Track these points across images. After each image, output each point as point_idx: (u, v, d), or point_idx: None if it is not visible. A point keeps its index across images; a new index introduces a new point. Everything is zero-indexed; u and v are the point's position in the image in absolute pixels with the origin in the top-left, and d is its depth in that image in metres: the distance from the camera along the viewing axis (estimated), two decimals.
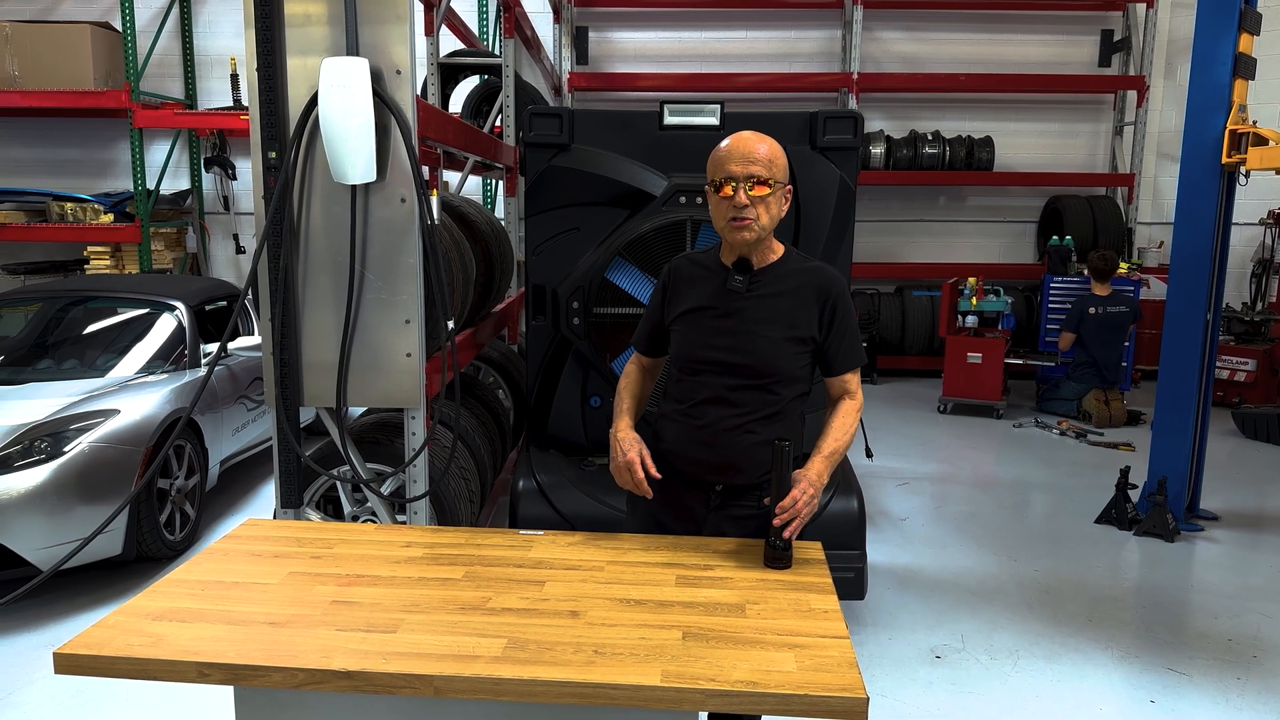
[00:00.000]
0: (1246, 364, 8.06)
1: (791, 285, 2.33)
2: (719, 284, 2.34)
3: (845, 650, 1.72)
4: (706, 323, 2.33)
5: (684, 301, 2.37)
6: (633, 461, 2.28)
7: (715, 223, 2.33)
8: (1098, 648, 3.79)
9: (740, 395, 2.31)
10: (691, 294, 2.37)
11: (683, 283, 2.40)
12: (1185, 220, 5.07)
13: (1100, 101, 9.73)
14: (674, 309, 2.40)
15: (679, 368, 2.39)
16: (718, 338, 2.32)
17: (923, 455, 6.82)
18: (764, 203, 2.23)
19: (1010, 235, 10.01)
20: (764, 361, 2.30)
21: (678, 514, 2.40)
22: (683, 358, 2.37)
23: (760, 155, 2.23)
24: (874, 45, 9.61)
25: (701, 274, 2.39)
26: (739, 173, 2.21)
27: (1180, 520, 5.15)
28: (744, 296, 2.31)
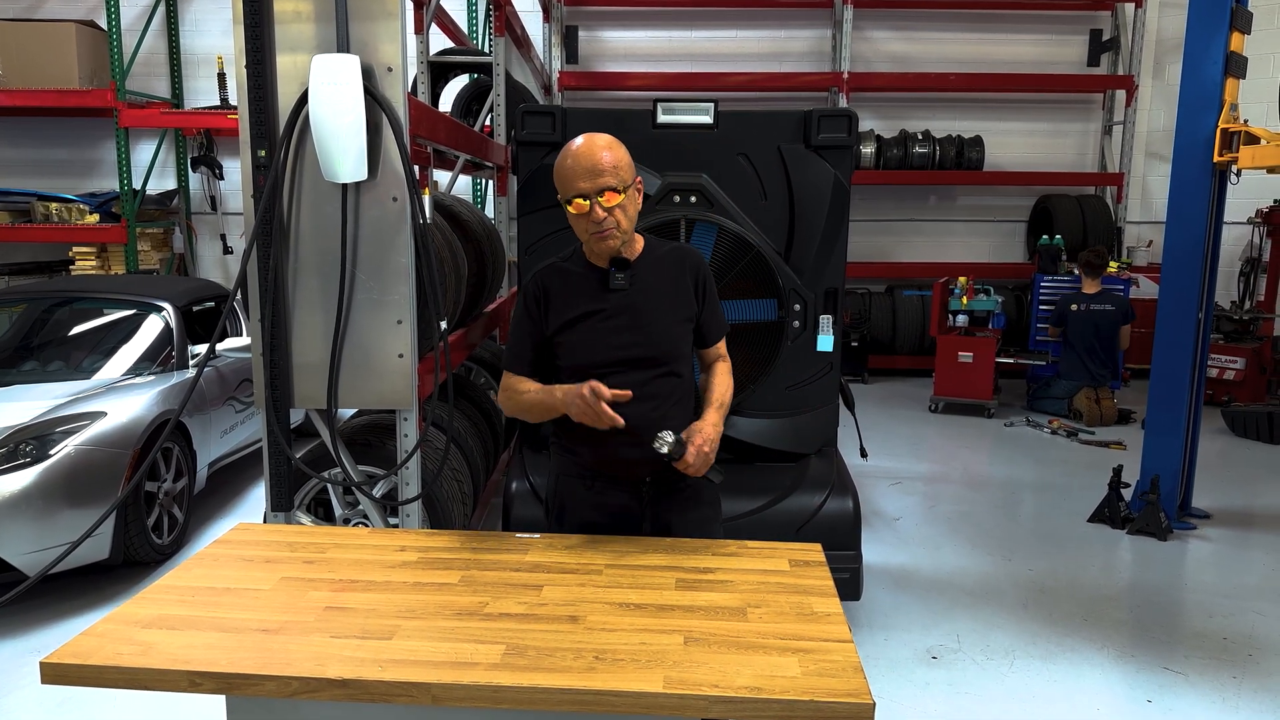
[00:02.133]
0: (1236, 363, 8.09)
1: (665, 270, 2.39)
2: (597, 285, 2.34)
3: (850, 654, 1.69)
4: (599, 325, 2.33)
5: (566, 310, 2.33)
6: (594, 386, 2.18)
7: (579, 234, 2.31)
8: (1094, 647, 3.79)
9: (652, 387, 2.33)
10: (572, 301, 2.34)
11: (555, 293, 2.35)
12: (1177, 219, 5.08)
13: (1089, 101, 9.75)
14: (555, 320, 2.34)
15: (578, 376, 2.27)
16: (614, 336, 2.32)
17: (915, 455, 6.81)
18: (620, 208, 2.24)
19: (1000, 235, 10.03)
20: (664, 348, 2.36)
21: (614, 517, 2.38)
22: (583, 366, 2.31)
23: (606, 164, 2.21)
24: (864, 45, 9.61)
25: (574, 280, 2.36)
26: (589, 188, 2.20)
27: (1173, 519, 5.15)
28: (628, 291, 2.33)
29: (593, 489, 2.37)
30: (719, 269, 3.83)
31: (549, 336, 2.35)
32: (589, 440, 2.31)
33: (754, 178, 3.94)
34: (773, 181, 3.94)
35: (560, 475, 2.44)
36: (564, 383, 2.30)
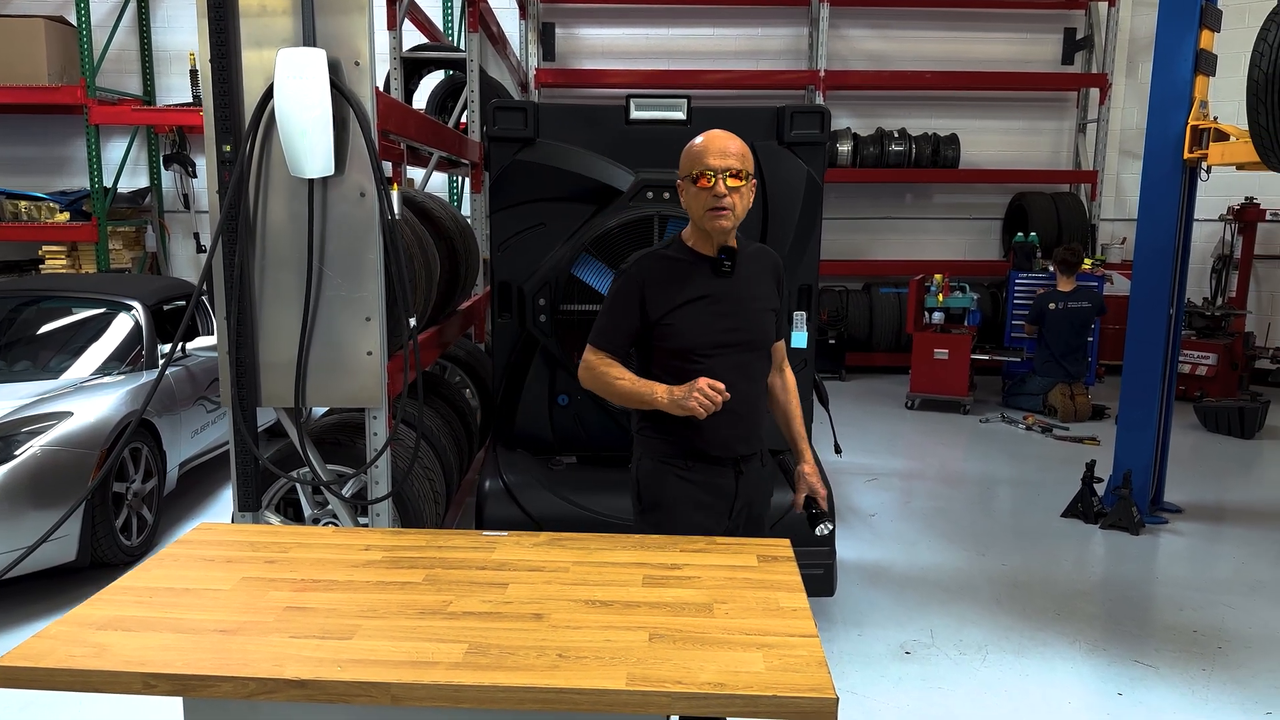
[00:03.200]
0: (1208, 358, 8.17)
1: (756, 264, 2.55)
2: (705, 272, 2.45)
3: (814, 649, 1.68)
4: (708, 310, 2.44)
5: (674, 296, 2.43)
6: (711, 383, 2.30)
7: (693, 213, 2.42)
8: (1065, 641, 3.80)
9: (752, 369, 2.51)
10: (679, 288, 2.44)
11: (660, 280, 2.44)
12: (1148, 216, 5.12)
13: (1064, 99, 9.82)
14: (662, 306, 2.43)
15: (681, 360, 2.43)
16: (720, 320, 2.45)
17: (891, 451, 6.83)
18: (738, 193, 2.38)
19: (976, 232, 10.08)
20: (759, 334, 2.53)
21: (715, 495, 2.50)
22: (687, 349, 2.43)
23: (734, 150, 2.38)
24: (840, 43, 9.63)
25: (680, 267, 2.46)
26: (717, 165, 2.34)
27: (1145, 513, 5.19)
28: (731, 280, 2.46)
29: (693, 470, 2.47)
30: None
31: (653, 321, 2.43)
32: (692, 423, 2.39)
33: None
34: None
35: (658, 461, 2.50)
36: (658, 363, 2.45)
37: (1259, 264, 9.06)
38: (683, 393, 2.32)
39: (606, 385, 2.46)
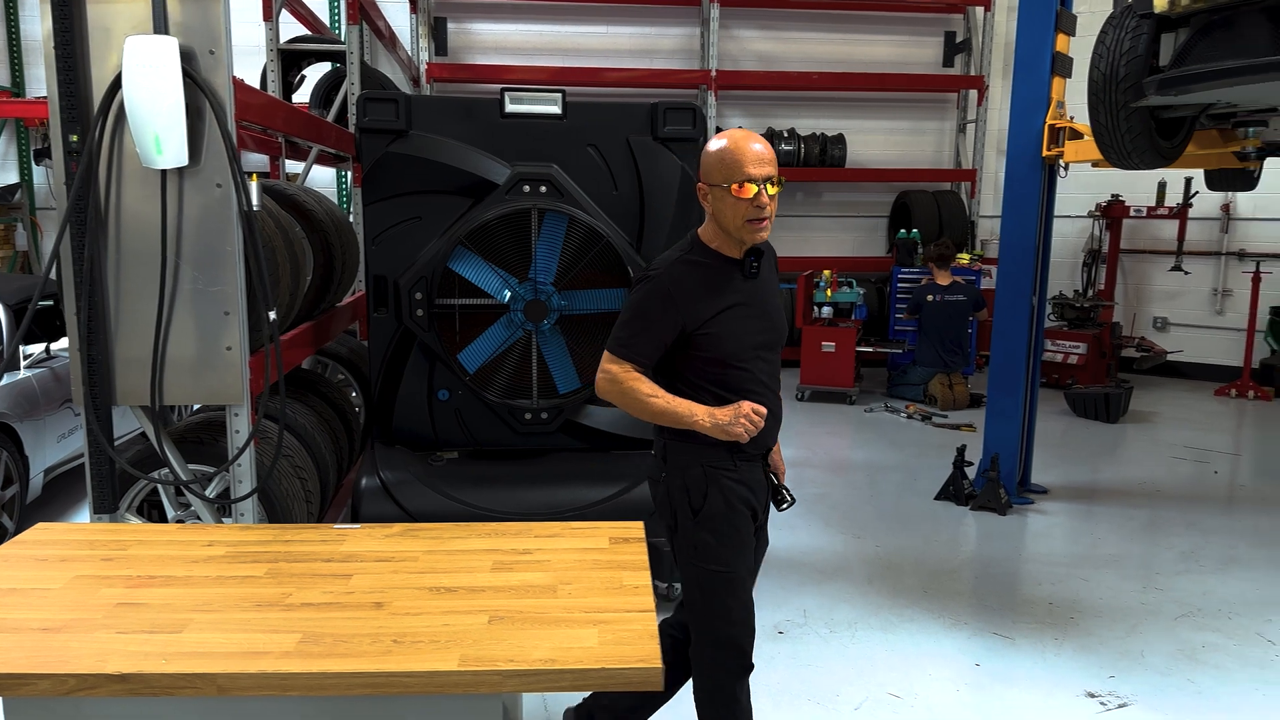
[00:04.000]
0: (1078, 348, 8.62)
1: (766, 262, 2.52)
2: (735, 276, 2.39)
3: (649, 624, 1.73)
4: (742, 314, 2.39)
5: (710, 305, 2.35)
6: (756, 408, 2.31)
7: (727, 220, 2.33)
8: (931, 617, 3.98)
9: (777, 366, 2.52)
10: (716, 295, 2.36)
11: (695, 286, 2.35)
12: (1012, 211, 5.38)
13: (945, 100, 10.21)
14: (700, 315, 2.34)
15: (720, 367, 2.37)
16: (753, 323, 2.41)
17: (781, 442, 6.98)
18: (773, 200, 2.33)
19: (863, 229, 10.40)
20: (782, 331, 2.54)
21: (756, 491, 2.49)
22: (728, 357, 2.38)
23: (769, 156, 2.31)
24: (731, 43, 9.80)
25: (710, 273, 2.38)
26: (758, 174, 2.27)
27: (1013, 494, 5.46)
28: (756, 281, 2.45)
29: (739, 470, 2.42)
30: (571, 260, 3.85)
31: (690, 331, 2.34)
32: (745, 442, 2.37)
33: (604, 168, 3.97)
34: (623, 172, 3.98)
35: (707, 467, 2.40)
36: (694, 371, 2.37)
37: (1125, 258, 9.59)
38: (727, 417, 2.28)
39: (636, 402, 2.35)
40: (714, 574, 2.41)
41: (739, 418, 2.27)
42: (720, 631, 2.45)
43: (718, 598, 2.43)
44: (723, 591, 2.42)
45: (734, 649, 2.47)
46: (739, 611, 2.46)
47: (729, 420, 2.28)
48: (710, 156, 2.33)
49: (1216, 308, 9.24)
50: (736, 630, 2.46)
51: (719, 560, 2.41)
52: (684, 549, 2.44)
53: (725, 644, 2.45)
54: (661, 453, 2.48)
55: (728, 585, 2.43)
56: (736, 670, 2.50)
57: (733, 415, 2.28)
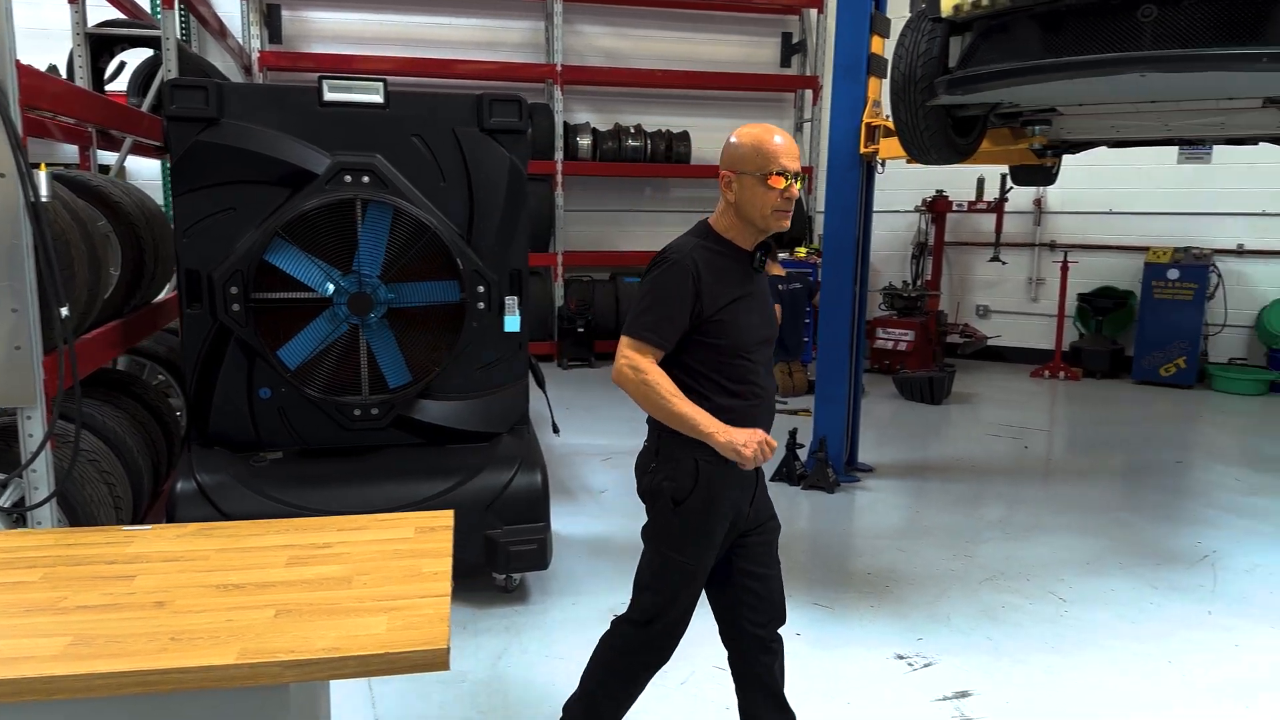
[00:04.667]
0: (907, 335, 9.12)
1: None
2: (745, 269, 2.42)
3: (440, 608, 1.75)
4: (748, 306, 2.41)
5: (724, 293, 2.36)
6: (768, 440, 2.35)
7: (754, 210, 2.34)
8: None
9: (771, 363, 2.56)
10: (727, 284, 2.37)
11: (712, 273, 2.35)
12: (834, 206, 5.65)
13: (783, 99, 10.60)
14: (714, 302, 2.34)
15: (730, 357, 2.38)
16: (757, 315, 2.44)
17: (630, 433, 7.03)
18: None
19: None
20: (775, 329, 2.58)
21: (749, 486, 2.51)
22: (738, 347, 2.39)
23: (798, 153, 2.39)
24: (576, 39, 9.86)
25: (725, 263, 2.39)
26: (792, 168, 2.32)
27: (840, 473, 5.75)
28: (759, 276, 2.49)
29: (729, 468, 2.40)
30: (397, 251, 3.81)
31: (706, 317, 2.33)
32: (744, 418, 2.38)
33: (430, 159, 3.94)
34: (450, 164, 3.95)
35: (697, 461, 2.39)
36: (703, 360, 2.36)
37: (950, 250, 10.22)
38: (743, 439, 2.29)
39: (657, 399, 2.32)
40: (675, 563, 2.48)
41: (754, 443, 2.30)
42: (656, 615, 2.52)
43: (670, 585, 2.50)
44: (677, 581, 2.49)
45: (660, 638, 2.56)
46: (681, 607, 2.53)
47: (743, 442, 2.29)
48: (743, 147, 2.35)
49: (1032, 295, 9.97)
50: (671, 623, 2.54)
51: (683, 551, 2.46)
52: (655, 530, 2.50)
53: (654, 629, 2.54)
54: (655, 445, 2.49)
55: (684, 578, 2.49)
56: (649, 660, 2.60)
57: (748, 438, 2.30)
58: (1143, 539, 4.89)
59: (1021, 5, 3.09)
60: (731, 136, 2.40)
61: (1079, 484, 5.93)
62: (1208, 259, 8.75)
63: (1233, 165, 8.05)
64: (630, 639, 2.60)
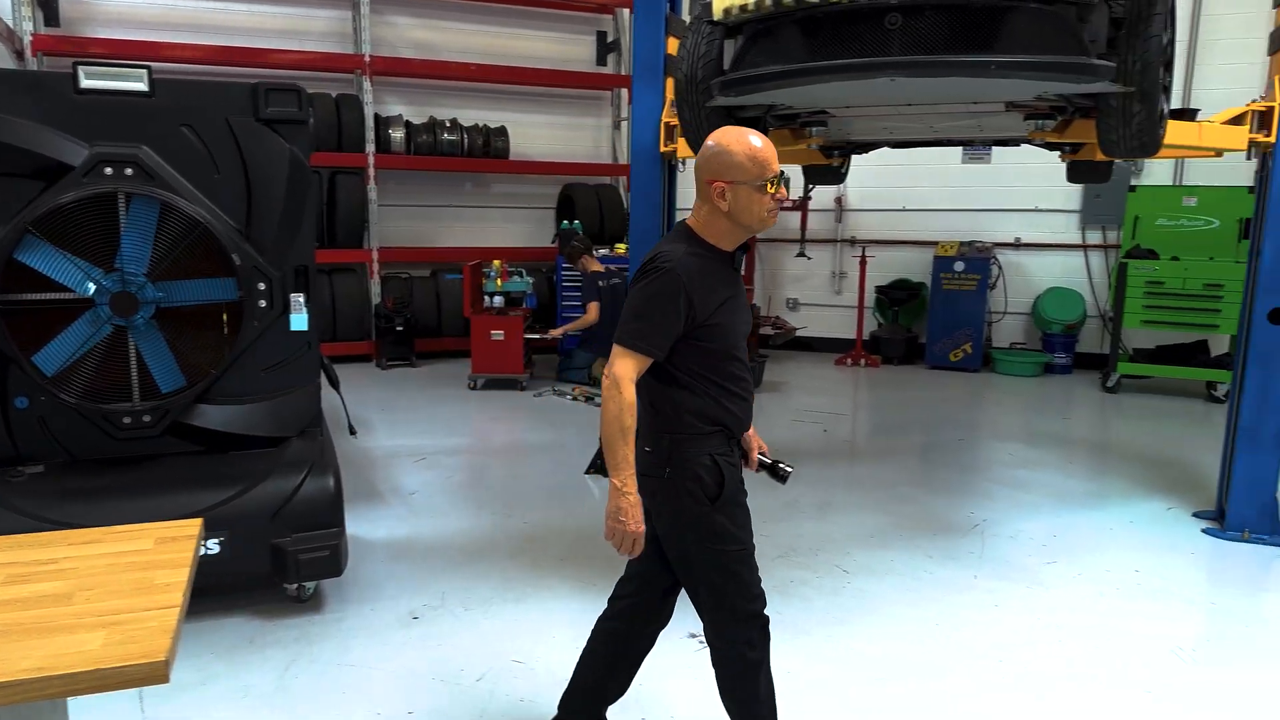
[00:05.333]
0: None
1: None
2: (729, 270, 2.50)
3: (167, 619, 1.68)
4: (735, 306, 2.48)
5: (714, 297, 2.41)
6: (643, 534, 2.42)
7: (750, 215, 2.41)
8: (565, 582, 4.19)
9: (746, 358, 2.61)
10: (716, 288, 2.43)
11: (700, 280, 2.39)
12: (639, 203, 5.75)
13: (600, 97, 10.72)
14: (706, 307, 2.39)
15: (720, 359, 2.46)
16: (741, 314, 2.52)
17: (448, 431, 7.01)
18: None
19: (533, 221, 10.65)
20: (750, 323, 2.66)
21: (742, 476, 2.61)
22: (728, 348, 2.47)
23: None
24: (387, 29, 9.60)
25: (710, 266, 2.43)
26: (778, 171, 2.42)
27: None
28: (737, 275, 2.56)
29: (733, 454, 2.55)
30: (166, 248, 3.60)
31: (700, 322, 2.39)
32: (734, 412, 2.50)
33: (203, 151, 3.74)
34: (224, 155, 3.77)
35: (713, 455, 2.47)
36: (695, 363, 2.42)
37: (762, 246, 10.64)
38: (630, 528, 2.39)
39: (615, 424, 2.35)
40: (734, 554, 2.53)
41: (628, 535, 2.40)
42: (743, 608, 2.56)
43: (739, 576, 2.55)
44: (742, 568, 2.55)
45: (759, 621, 2.60)
46: (757, 585, 2.60)
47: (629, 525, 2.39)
48: (736, 156, 2.38)
49: (835, 288, 10.53)
50: (758, 604, 2.60)
51: (736, 540, 2.53)
52: (699, 537, 2.50)
53: (750, 618, 2.58)
54: (666, 449, 2.48)
55: (746, 562, 2.56)
56: (762, 641, 2.63)
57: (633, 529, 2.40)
58: (924, 512, 5.26)
59: (783, 10, 3.25)
60: (715, 145, 2.43)
61: (871, 464, 6.32)
62: (989, 252, 9.51)
63: (1010, 166, 8.75)
64: (740, 640, 2.60)
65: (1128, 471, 6.07)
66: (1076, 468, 6.19)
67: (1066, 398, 8.52)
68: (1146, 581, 4.30)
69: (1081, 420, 7.82)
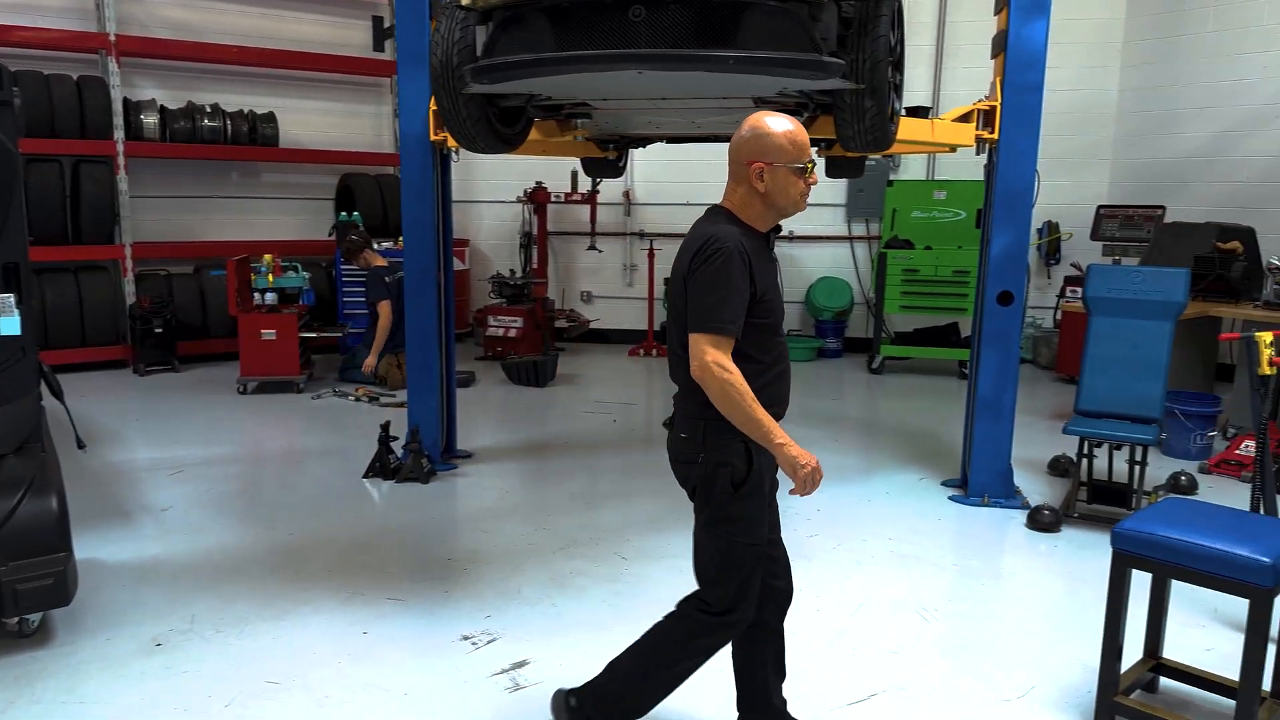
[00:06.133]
0: (516, 322, 9.32)
1: None
2: (766, 250, 2.59)
3: None
4: (776, 285, 2.61)
5: (764, 273, 2.51)
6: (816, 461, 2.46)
7: (785, 198, 2.51)
8: (330, 595, 3.98)
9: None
10: (765, 265, 2.54)
11: (754, 256, 2.47)
12: (410, 193, 5.57)
13: (379, 84, 10.32)
14: (761, 282, 2.48)
15: (770, 334, 2.54)
16: (779, 292, 2.62)
17: (210, 440, 6.51)
18: None
19: (309, 212, 10.11)
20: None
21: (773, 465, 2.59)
22: (776, 324, 2.58)
23: None
24: (137, 7, 8.82)
25: (756, 244, 2.51)
26: (811, 157, 2.55)
27: (437, 462, 5.72)
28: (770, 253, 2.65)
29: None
30: None
31: (757, 298, 2.45)
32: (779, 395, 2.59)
33: None
34: None
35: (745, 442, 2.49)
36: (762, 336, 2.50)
37: (555, 239, 10.62)
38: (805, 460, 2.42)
39: (738, 402, 2.39)
40: (743, 546, 2.56)
41: (813, 465, 2.43)
42: (735, 603, 2.60)
43: (743, 570, 2.58)
44: (750, 564, 2.58)
45: (738, 624, 2.64)
46: (755, 589, 2.63)
47: (805, 463, 2.41)
48: (778, 138, 2.48)
49: (627, 281, 10.68)
50: (749, 606, 2.63)
51: (752, 536, 2.58)
52: (718, 521, 2.56)
53: (733, 616, 2.61)
54: (701, 432, 2.52)
55: (755, 559, 2.59)
56: (717, 644, 2.67)
57: (809, 460, 2.43)
58: None
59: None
60: (754, 128, 2.51)
61: (653, 450, 6.43)
62: None
63: None
64: (704, 624, 2.65)
65: (887, 446, 6.52)
66: (842, 444, 6.58)
67: (837, 379, 9.06)
68: (899, 548, 4.61)
69: (849, 400, 8.34)
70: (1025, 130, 4.86)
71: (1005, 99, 4.86)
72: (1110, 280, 4.96)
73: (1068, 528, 4.84)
